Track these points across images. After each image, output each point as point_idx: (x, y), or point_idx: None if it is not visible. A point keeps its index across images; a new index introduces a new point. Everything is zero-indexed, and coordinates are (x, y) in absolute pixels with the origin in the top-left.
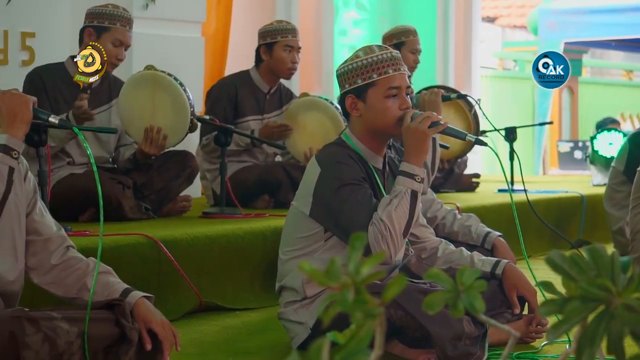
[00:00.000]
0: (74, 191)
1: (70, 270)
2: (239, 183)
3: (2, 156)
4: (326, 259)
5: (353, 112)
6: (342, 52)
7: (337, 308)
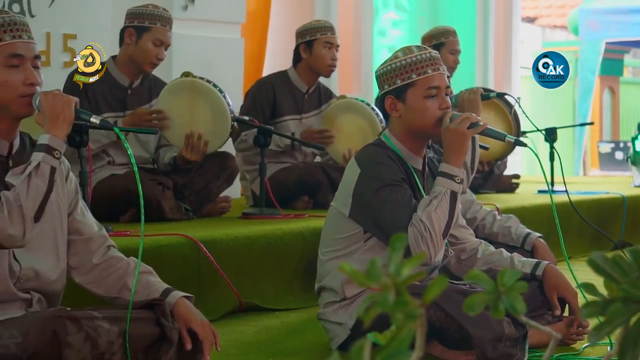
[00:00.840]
0: (114, 192)
1: (112, 270)
2: (279, 184)
3: (44, 156)
4: (365, 260)
5: (392, 113)
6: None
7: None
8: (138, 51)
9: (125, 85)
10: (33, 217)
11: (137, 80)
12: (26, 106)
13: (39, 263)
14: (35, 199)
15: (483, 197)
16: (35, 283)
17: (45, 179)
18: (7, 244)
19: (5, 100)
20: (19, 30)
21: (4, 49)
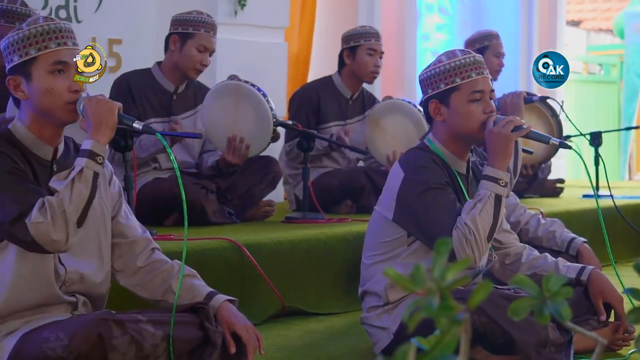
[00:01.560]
0: (158, 196)
1: (156, 273)
2: (322, 188)
3: (87, 161)
4: (409, 264)
5: (436, 117)
6: (425, 57)
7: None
8: (182, 57)
9: (170, 90)
10: (76, 222)
11: (182, 86)
12: (71, 113)
13: (83, 266)
14: (78, 204)
15: (527, 202)
16: (81, 286)
17: (88, 184)
18: (51, 248)
19: (50, 106)
20: (64, 38)
21: (50, 57)
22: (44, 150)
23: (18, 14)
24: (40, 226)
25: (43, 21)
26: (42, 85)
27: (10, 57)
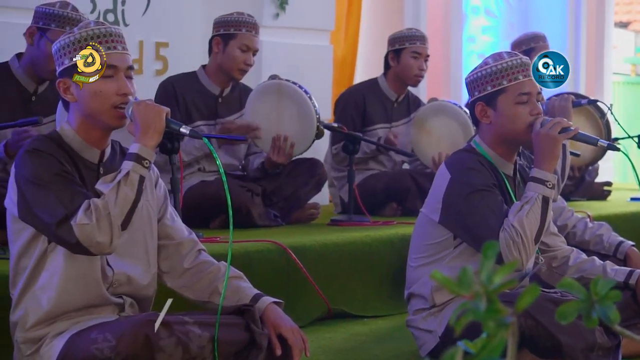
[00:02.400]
0: (204, 198)
1: (203, 274)
2: (367, 191)
3: (134, 165)
4: (455, 266)
5: (483, 120)
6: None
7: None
8: (226, 59)
9: (215, 93)
10: (120, 225)
11: (228, 89)
12: (118, 117)
13: (131, 268)
14: (124, 208)
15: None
16: (128, 288)
17: (134, 188)
18: (95, 250)
19: (98, 110)
20: (114, 42)
21: None
22: (91, 153)
23: (68, 19)
24: (85, 228)
25: (94, 25)
26: (90, 88)
27: (61, 60)
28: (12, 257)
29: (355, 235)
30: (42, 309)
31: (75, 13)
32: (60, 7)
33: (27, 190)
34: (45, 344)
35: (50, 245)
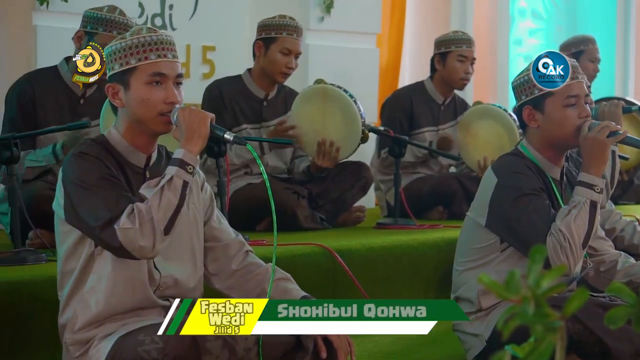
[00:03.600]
0: (251, 201)
1: (251, 276)
2: (413, 194)
3: (177, 170)
4: (502, 270)
5: (531, 123)
6: (517, 62)
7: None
8: (268, 62)
9: (260, 97)
10: (163, 230)
11: (273, 92)
12: (164, 124)
13: (177, 271)
14: (166, 213)
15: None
16: (175, 290)
17: (177, 193)
18: (138, 255)
19: (144, 116)
20: (165, 50)
21: (149, 67)
22: (138, 157)
23: (116, 23)
24: (128, 232)
25: (146, 32)
26: (138, 95)
27: (111, 65)
28: (59, 260)
29: (401, 238)
30: (90, 311)
31: (122, 17)
32: (107, 11)
33: (73, 193)
34: (94, 345)
35: (97, 248)
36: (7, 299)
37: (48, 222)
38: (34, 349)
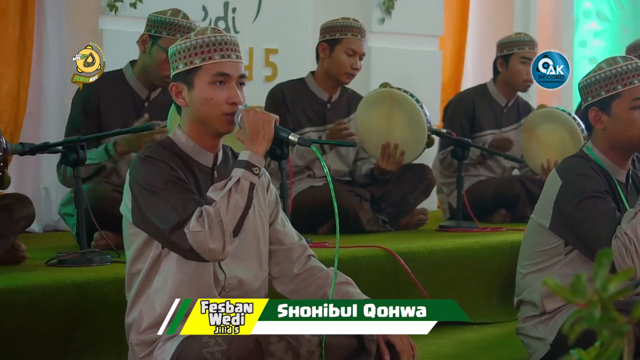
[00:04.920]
0: (313, 203)
1: (312, 280)
2: (476, 197)
3: (244, 172)
4: (566, 273)
5: (597, 125)
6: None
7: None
8: (332, 64)
9: (324, 99)
10: (232, 231)
11: (336, 95)
12: (227, 123)
13: (242, 272)
14: (235, 214)
15: None
16: (239, 292)
17: (245, 194)
18: (208, 257)
19: (208, 116)
20: (228, 50)
21: (212, 68)
22: (205, 157)
23: (180, 26)
24: (198, 235)
25: (210, 32)
26: (202, 94)
27: (175, 64)
28: (127, 261)
29: (464, 241)
30: (156, 312)
31: (186, 21)
32: (171, 15)
33: (140, 197)
34: (158, 346)
35: (164, 250)
36: (73, 300)
37: (113, 223)
38: (100, 349)
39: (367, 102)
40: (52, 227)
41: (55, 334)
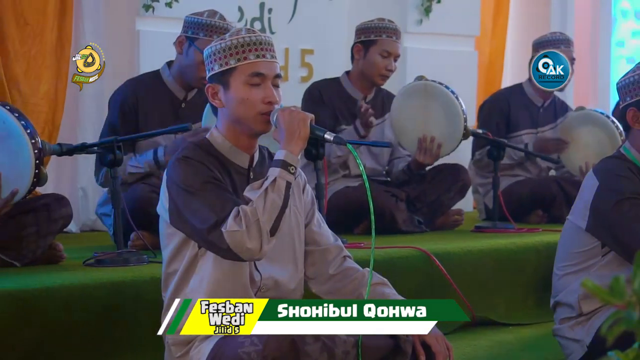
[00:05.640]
0: (348, 203)
1: (347, 281)
2: (512, 197)
3: (280, 171)
4: (603, 275)
5: (635, 125)
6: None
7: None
8: (367, 65)
9: (358, 99)
10: (269, 231)
11: (370, 95)
12: (263, 123)
13: (278, 272)
14: (272, 214)
15: None
16: (275, 292)
17: (281, 194)
18: (245, 257)
19: (244, 116)
20: (263, 50)
21: (248, 68)
22: (241, 157)
23: (216, 27)
24: (235, 235)
25: (245, 33)
26: (238, 95)
27: (211, 66)
28: (163, 261)
29: (500, 242)
30: None
31: (222, 22)
32: (208, 16)
33: (178, 197)
34: (194, 346)
35: (200, 250)
36: (110, 300)
37: (150, 223)
38: (136, 348)
39: (402, 95)
40: (89, 227)
41: (92, 334)
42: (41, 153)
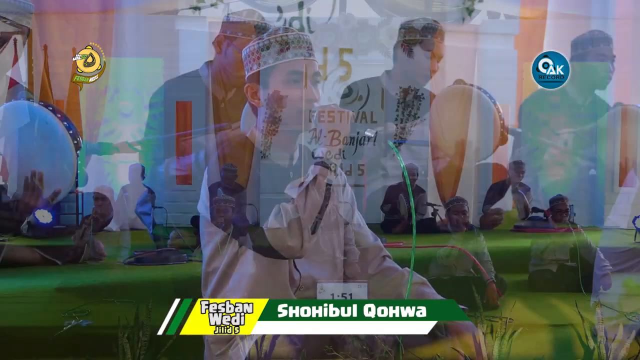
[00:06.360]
0: (387, 202)
1: (387, 280)
2: None
3: (321, 169)
4: None
5: None
6: None
7: None
8: (409, 64)
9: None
10: (310, 228)
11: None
12: (304, 121)
13: (317, 272)
14: (312, 212)
15: None
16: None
17: (322, 192)
18: (286, 254)
19: (284, 114)
20: (301, 48)
21: (287, 66)
22: (281, 156)
23: (255, 27)
24: (276, 232)
25: (282, 32)
26: (277, 93)
27: (249, 66)
28: (203, 260)
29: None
30: None
31: (261, 21)
32: (246, 16)
33: None
34: (234, 345)
35: (241, 248)
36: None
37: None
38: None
39: (441, 98)
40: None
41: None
42: (82, 153)
